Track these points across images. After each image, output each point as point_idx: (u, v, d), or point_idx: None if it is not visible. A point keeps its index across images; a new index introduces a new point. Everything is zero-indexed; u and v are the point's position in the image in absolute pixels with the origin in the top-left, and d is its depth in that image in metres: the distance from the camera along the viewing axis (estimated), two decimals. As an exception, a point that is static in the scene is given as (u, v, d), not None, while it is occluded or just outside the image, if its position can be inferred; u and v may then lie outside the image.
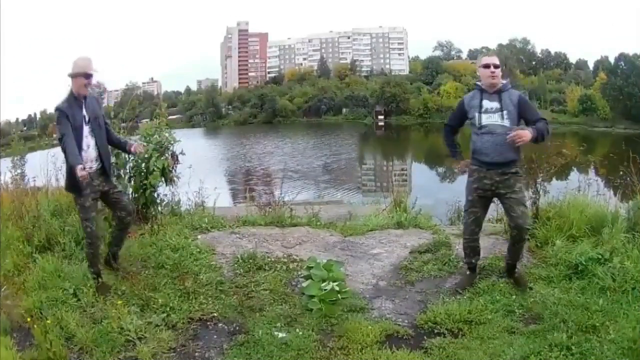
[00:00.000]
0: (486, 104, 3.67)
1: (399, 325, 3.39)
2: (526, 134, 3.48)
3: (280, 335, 3.25)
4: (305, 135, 56.36)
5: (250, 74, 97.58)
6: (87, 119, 3.70)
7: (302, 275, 4.12)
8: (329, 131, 59.56)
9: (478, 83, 3.83)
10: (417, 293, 3.89)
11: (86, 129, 3.70)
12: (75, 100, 3.70)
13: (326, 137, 52.46)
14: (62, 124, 3.59)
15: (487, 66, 3.65)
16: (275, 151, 40.97)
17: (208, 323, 3.46)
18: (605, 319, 3.20)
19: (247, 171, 30.11)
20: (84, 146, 3.68)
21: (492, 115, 3.65)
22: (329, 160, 33.73)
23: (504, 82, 3.70)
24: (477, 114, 3.71)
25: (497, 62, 3.67)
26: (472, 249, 3.97)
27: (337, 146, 43.92)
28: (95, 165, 3.76)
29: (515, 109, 3.64)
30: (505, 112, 3.62)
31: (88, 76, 3.70)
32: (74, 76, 3.69)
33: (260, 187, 21.41)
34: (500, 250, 4.52)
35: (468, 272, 4.03)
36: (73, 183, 3.64)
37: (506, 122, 3.61)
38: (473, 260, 3.99)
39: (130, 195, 5.21)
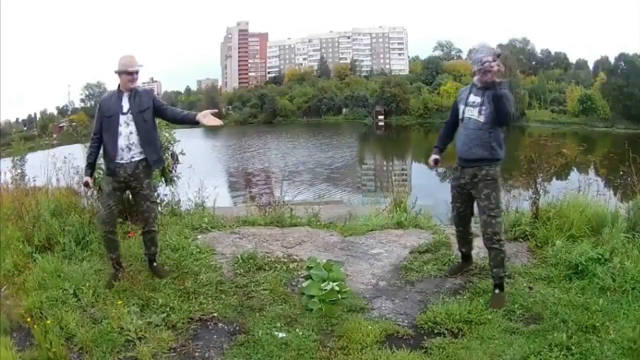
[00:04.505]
0: (471, 97, 3.61)
1: (399, 325, 3.38)
2: (495, 67, 3.35)
3: (280, 335, 3.24)
4: (305, 135, 56.31)
5: (250, 74, 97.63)
6: (124, 109, 3.82)
7: (302, 275, 4.13)
8: (329, 131, 59.53)
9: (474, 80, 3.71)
10: (417, 293, 3.88)
11: (122, 118, 3.81)
12: (117, 92, 3.89)
13: (326, 137, 52.41)
14: (95, 122, 3.96)
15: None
16: (276, 151, 40.93)
17: (208, 323, 3.45)
18: (605, 319, 3.20)
19: (247, 171, 30.09)
20: (118, 133, 3.81)
21: (472, 109, 3.57)
22: (329, 160, 33.70)
23: (501, 80, 3.52)
24: (461, 106, 3.67)
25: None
26: (460, 239, 4.04)
27: (337, 146, 43.87)
28: (127, 155, 3.81)
29: (491, 105, 3.49)
30: (484, 107, 3.51)
31: (130, 73, 3.82)
32: (118, 73, 3.85)
33: (260, 187, 21.43)
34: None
35: (460, 260, 4.17)
36: (105, 167, 3.94)
37: (481, 118, 3.52)
38: (463, 250, 4.07)
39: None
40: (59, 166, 5.56)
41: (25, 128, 70.23)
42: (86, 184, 4.08)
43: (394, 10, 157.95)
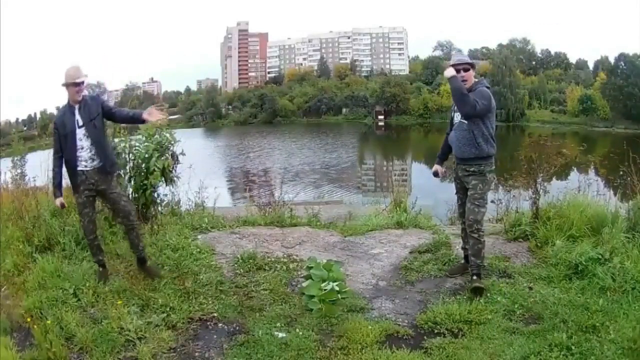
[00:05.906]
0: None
1: (399, 325, 3.39)
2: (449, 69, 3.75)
3: (280, 335, 3.25)
4: (307, 135, 56.25)
5: (250, 74, 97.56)
6: (79, 123, 3.85)
7: (302, 275, 4.13)
8: (331, 131, 59.49)
9: None
10: (417, 293, 3.88)
11: (79, 132, 3.85)
12: (69, 107, 3.90)
13: (329, 137, 52.38)
14: (54, 141, 3.94)
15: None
16: (276, 151, 40.93)
17: (208, 323, 3.45)
18: (605, 319, 3.20)
19: (247, 171, 30.09)
20: (78, 147, 3.85)
21: (458, 115, 3.86)
22: (329, 160, 33.69)
23: (477, 80, 3.82)
24: (453, 114, 3.99)
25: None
26: (464, 232, 4.06)
27: (337, 146, 43.87)
28: (91, 164, 3.88)
29: None
30: None
31: (77, 84, 3.83)
32: (65, 86, 3.85)
33: (260, 187, 21.42)
34: (500, 250, 4.53)
35: (462, 261, 4.20)
36: (71, 182, 3.96)
37: (464, 120, 3.80)
38: (467, 247, 4.07)
39: (131, 195, 5.21)
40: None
41: (25, 128, 70.15)
42: (62, 206, 4.06)
43: (394, 10, 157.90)
